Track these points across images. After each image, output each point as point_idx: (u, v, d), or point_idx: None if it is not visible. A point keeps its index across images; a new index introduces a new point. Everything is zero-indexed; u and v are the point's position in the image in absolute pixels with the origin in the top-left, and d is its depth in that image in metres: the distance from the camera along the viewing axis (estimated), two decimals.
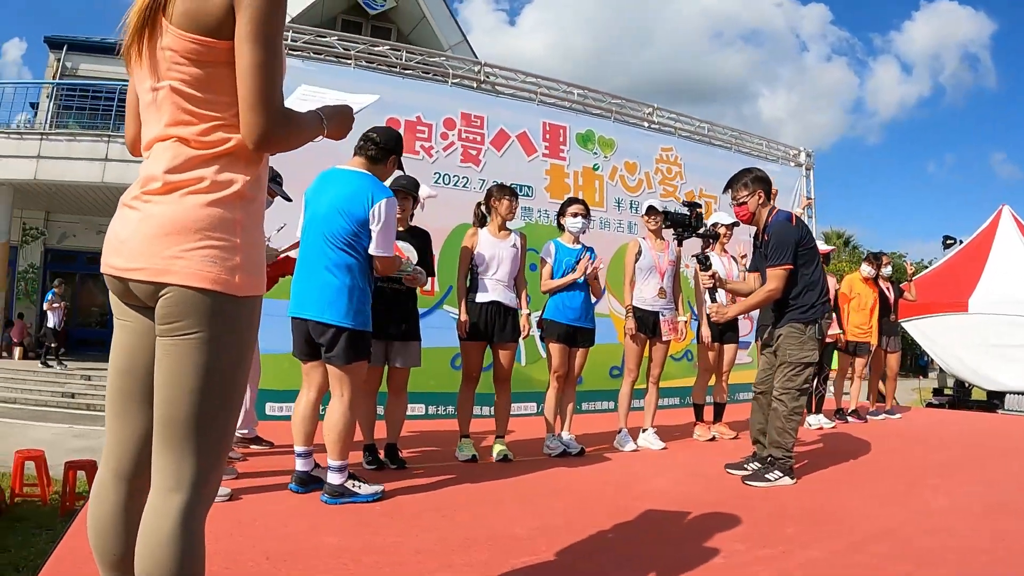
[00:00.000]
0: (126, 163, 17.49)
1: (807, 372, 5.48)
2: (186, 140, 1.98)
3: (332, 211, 4.44)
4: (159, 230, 1.93)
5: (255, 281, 2.04)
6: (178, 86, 1.96)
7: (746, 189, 5.66)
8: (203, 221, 1.93)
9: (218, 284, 1.93)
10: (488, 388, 6.09)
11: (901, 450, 7.15)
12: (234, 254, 1.96)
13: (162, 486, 1.94)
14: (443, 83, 9.31)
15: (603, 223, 9.82)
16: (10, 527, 6.92)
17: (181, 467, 1.94)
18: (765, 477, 5.37)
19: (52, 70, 23.89)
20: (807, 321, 5.48)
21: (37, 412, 14.88)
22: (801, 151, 12.52)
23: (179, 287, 1.91)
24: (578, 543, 3.82)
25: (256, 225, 2.08)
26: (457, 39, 21.38)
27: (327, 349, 4.40)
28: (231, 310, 1.97)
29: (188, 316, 1.92)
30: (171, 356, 1.95)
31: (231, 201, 1.98)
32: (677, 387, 9.84)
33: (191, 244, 1.91)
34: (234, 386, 2.03)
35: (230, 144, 1.99)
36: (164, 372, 1.96)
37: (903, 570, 3.49)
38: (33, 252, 23.12)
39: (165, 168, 1.97)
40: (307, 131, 2.14)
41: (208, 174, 1.96)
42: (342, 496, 4.42)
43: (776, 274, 5.45)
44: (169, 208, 1.94)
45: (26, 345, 20.58)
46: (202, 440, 1.96)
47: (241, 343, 2.04)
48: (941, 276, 16.18)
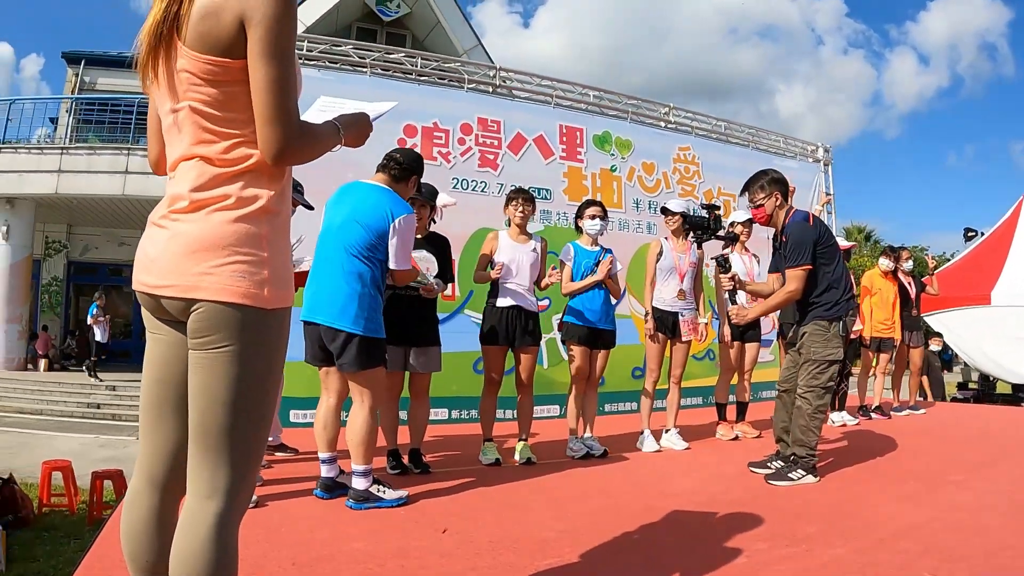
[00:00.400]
0: (146, 176, 17.62)
1: (832, 370, 5.46)
2: (209, 159, 2.01)
3: (350, 221, 4.51)
4: (187, 247, 1.97)
5: (283, 294, 2.07)
6: (197, 106, 1.99)
7: (763, 191, 5.66)
8: (230, 237, 1.96)
9: (247, 298, 1.96)
10: (510, 392, 6.11)
11: (925, 446, 7.11)
12: (262, 268, 1.99)
13: (197, 494, 1.98)
14: (459, 88, 9.33)
15: (622, 224, 9.80)
16: (38, 536, 7.01)
17: (215, 475, 1.98)
18: (788, 476, 5.36)
19: (71, 85, 24.13)
20: (831, 318, 5.46)
21: (63, 423, 15.03)
22: (819, 147, 12.46)
23: (209, 302, 1.95)
24: (603, 544, 3.83)
25: (283, 238, 2.11)
26: (472, 43, 21.43)
27: (338, 356, 4.44)
28: (261, 323, 2.01)
29: (219, 330, 1.96)
30: (204, 369, 1.99)
31: (257, 216, 2.01)
32: (699, 387, 9.81)
33: (219, 260, 1.95)
34: (265, 397, 2.07)
35: (252, 160, 2.02)
36: (197, 384, 2.00)
37: (928, 566, 3.47)
38: (56, 265, 23.34)
39: (190, 187, 2.00)
40: (324, 142, 2.16)
41: (233, 191, 1.99)
42: (367, 501, 4.44)
43: (795, 275, 5.43)
44: (196, 226, 1.97)
45: (51, 357, 20.75)
46: (235, 449, 2.00)
47: (271, 355, 2.07)
48: (963, 269, 16.09)
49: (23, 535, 6.96)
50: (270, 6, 1.91)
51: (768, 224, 5.80)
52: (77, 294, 24.76)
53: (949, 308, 14.95)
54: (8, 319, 19.22)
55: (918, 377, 10.01)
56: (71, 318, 24.12)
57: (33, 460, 9.75)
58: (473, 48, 21.34)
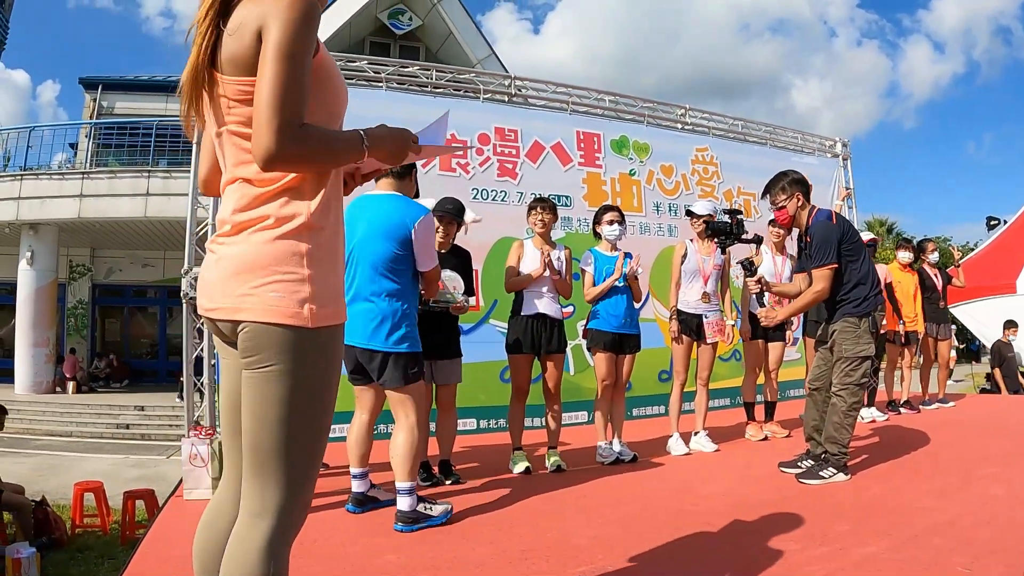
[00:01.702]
0: (167, 197, 17.84)
1: (865, 366, 5.45)
2: (250, 180, 2.02)
3: (373, 236, 4.47)
4: (231, 270, 2.00)
5: (329, 311, 2.04)
6: (235, 128, 2.01)
7: (784, 193, 5.65)
8: (269, 257, 1.97)
9: (287, 317, 1.95)
10: (538, 400, 6.11)
11: (956, 440, 7.05)
12: (302, 286, 1.98)
13: (248, 512, 2.00)
14: (475, 99, 9.33)
15: (643, 228, 9.78)
16: (72, 557, 7.10)
17: (265, 494, 1.99)
18: (819, 475, 5.33)
19: (89, 110, 24.37)
20: (861, 314, 5.45)
21: (93, 444, 15.18)
22: (837, 141, 12.38)
23: (252, 323, 1.96)
24: (636, 550, 3.82)
25: (328, 254, 2.08)
26: (485, 53, 21.48)
27: (378, 376, 4.41)
28: (303, 342, 1.98)
29: (262, 350, 1.96)
30: (251, 388, 2.00)
31: (297, 233, 1.99)
32: (727, 388, 9.76)
33: (259, 281, 1.96)
34: (312, 417, 2.05)
35: (290, 177, 2.01)
36: (246, 403, 2.02)
37: (961, 562, 3.44)
38: (81, 288, 23.59)
39: (232, 209, 2.03)
40: (336, 151, 2.04)
41: (272, 211, 1.99)
42: (416, 522, 4.29)
43: (822, 274, 5.43)
44: (239, 248, 2.00)
45: (79, 379, 20.90)
46: (285, 469, 1.99)
47: (317, 374, 2.04)
48: (987, 258, 16.00)
49: (57, 556, 7.03)
50: (285, 10, 1.89)
51: (791, 225, 5.81)
52: (103, 316, 25.02)
53: (975, 299, 14.86)
54: (35, 343, 19.44)
55: (946, 370, 9.93)
56: (97, 340, 24.33)
57: (65, 482, 9.85)
58: (487, 57, 21.38)
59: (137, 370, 24.03)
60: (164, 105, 23.85)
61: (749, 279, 5.85)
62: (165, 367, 23.92)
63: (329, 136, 2.02)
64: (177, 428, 15.35)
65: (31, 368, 19.42)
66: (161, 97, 24.28)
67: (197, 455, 5.04)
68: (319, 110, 2.03)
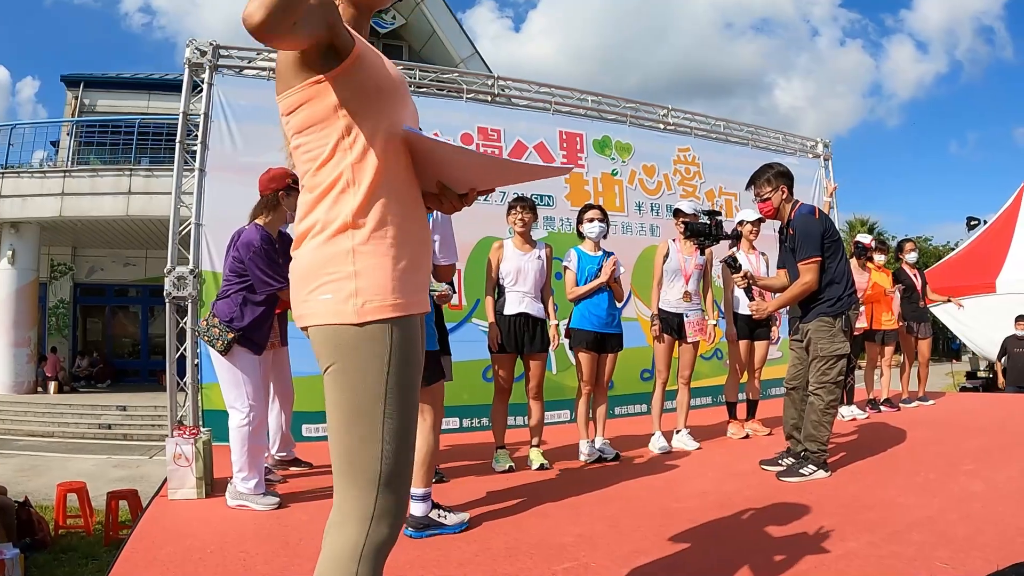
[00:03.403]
0: (149, 196, 17.76)
1: (840, 364, 5.51)
2: (306, 188, 2.04)
3: None
4: (296, 281, 2.03)
5: (379, 305, 1.95)
6: (292, 140, 2.04)
7: (769, 185, 5.72)
8: (317, 262, 1.97)
9: (332, 316, 1.94)
10: (521, 399, 6.14)
11: (936, 437, 7.11)
12: (348, 283, 1.94)
13: (332, 520, 1.98)
14: (458, 99, 9.36)
15: (625, 228, 9.82)
16: (56, 558, 7.08)
17: (344, 501, 1.96)
18: (799, 472, 5.39)
19: (71, 108, 24.21)
20: (835, 314, 5.52)
21: (75, 444, 15.08)
22: (818, 142, 12.46)
23: (311, 328, 1.99)
24: (620, 547, 3.87)
25: (378, 248, 1.99)
26: (468, 52, 21.50)
27: None
28: (352, 340, 1.94)
29: (321, 352, 1.98)
30: (326, 391, 1.99)
31: (340, 235, 1.97)
32: (709, 386, 9.84)
33: (311, 286, 1.97)
34: (373, 417, 1.95)
35: (333, 178, 1.99)
36: (327, 407, 2.01)
37: (941, 557, 3.50)
38: (63, 287, 23.44)
39: (297, 220, 2.06)
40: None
41: (320, 215, 1.99)
42: (427, 528, 4.18)
43: (808, 267, 5.50)
44: (300, 260, 2.03)
45: (60, 379, 20.79)
46: (356, 474, 1.95)
47: (374, 371, 1.96)
48: (968, 258, 16.11)
49: (41, 557, 7.02)
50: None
51: (775, 217, 5.87)
52: (85, 316, 24.88)
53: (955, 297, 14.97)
54: (16, 343, 19.30)
55: (926, 368, 10.01)
56: (79, 340, 24.21)
57: (47, 483, 9.81)
58: (470, 56, 21.40)
59: (119, 370, 23.92)
60: (146, 103, 23.78)
61: (735, 275, 5.90)
62: (147, 367, 23.80)
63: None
64: (160, 428, 15.30)
65: (12, 368, 19.26)
66: (143, 95, 24.19)
67: (181, 455, 5.03)
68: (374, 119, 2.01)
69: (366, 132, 1.99)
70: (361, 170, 1.99)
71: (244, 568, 3.65)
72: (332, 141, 1.97)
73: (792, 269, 5.71)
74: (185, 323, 7.39)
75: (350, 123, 1.97)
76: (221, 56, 7.88)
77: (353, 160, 1.97)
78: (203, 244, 7.46)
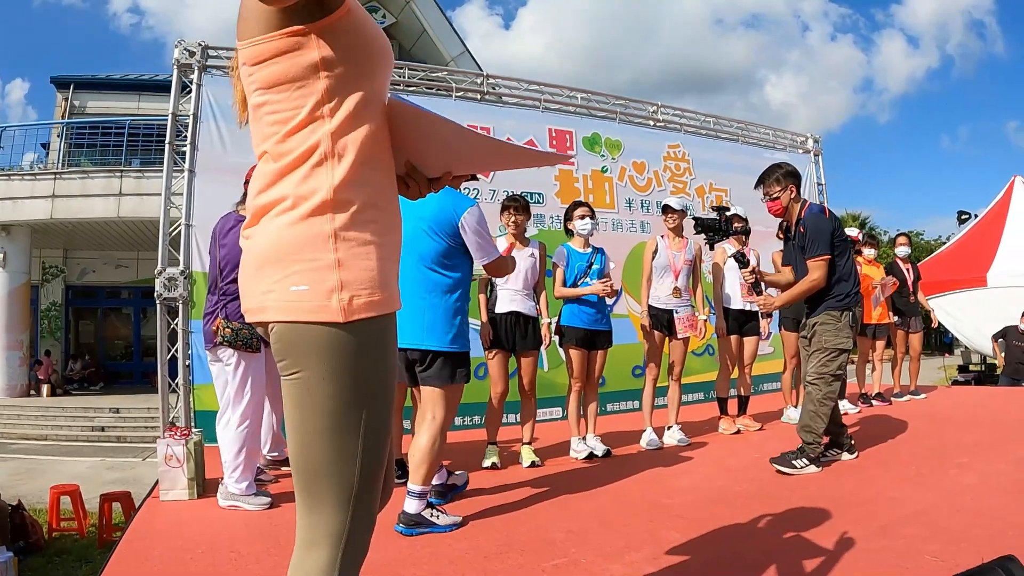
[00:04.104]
0: (140, 197, 17.71)
1: (842, 358, 5.62)
2: (270, 156, 1.76)
3: (419, 232, 4.39)
4: (253, 265, 1.76)
5: (367, 301, 1.73)
6: (255, 98, 1.76)
7: (778, 184, 5.81)
8: (288, 245, 1.70)
9: (312, 313, 1.68)
10: (513, 396, 6.15)
11: (927, 431, 7.13)
12: (330, 273, 1.69)
13: (300, 541, 1.79)
14: (447, 97, 9.36)
15: (615, 224, 9.84)
16: (50, 561, 7.06)
17: (316, 521, 1.77)
18: (791, 463, 5.44)
19: (60, 110, 24.12)
20: (843, 309, 5.63)
21: (69, 447, 15.06)
22: (808, 137, 12.48)
23: (278, 323, 1.72)
24: (610, 543, 3.88)
25: (363, 233, 1.75)
26: (459, 50, 21.53)
27: (424, 369, 4.36)
28: (335, 340, 1.70)
29: (290, 353, 1.72)
30: (287, 398, 1.76)
31: (319, 212, 1.70)
32: (700, 382, 9.85)
33: (280, 274, 1.70)
34: (358, 427, 1.75)
35: (307, 147, 1.72)
36: (285, 416, 1.80)
37: (932, 550, 3.51)
38: (54, 290, 23.38)
39: (254, 193, 1.78)
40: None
41: (290, 189, 1.72)
42: (419, 526, 4.18)
43: (817, 264, 5.59)
44: (259, 239, 1.75)
45: (53, 382, 20.75)
46: (333, 489, 1.75)
47: (359, 376, 1.74)
48: (958, 252, 16.13)
49: (35, 561, 7.00)
50: None
51: (783, 216, 5.95)
52: (77, 318, 24.81)
53: (946, 292, 15.00)
54: (8, 346, 19.24)
55: (918, 362, 10.04)
56: (71, 343, 24.15)
57: (41, 486, 9.78)
58: (460, 55, 21.43)
59: (112, 372, 23.86)
60: (136, 104, 23.68)
61: (743, 270, 6.04)
62: (140, 368, 23.76)
63: None
64: (153, 430, 15.27)
65: (4, 372, 19.18)
66: (133, 96, 24.10)
67: (173, 456, 5.02)
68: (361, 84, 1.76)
69: (351, 98, 1.74)
70: (343, 141, 1.74)
71: (235, 567, 3.65)
72: (308, 104, 1.71)
73: (800, 266, 5.80)
74: (176, 324, 7.38)
75: (333, 85, 1.71)
76: (210, 57, 7.85)
77: (332, 129, 1.72)
78: (193, 245, 7.44)
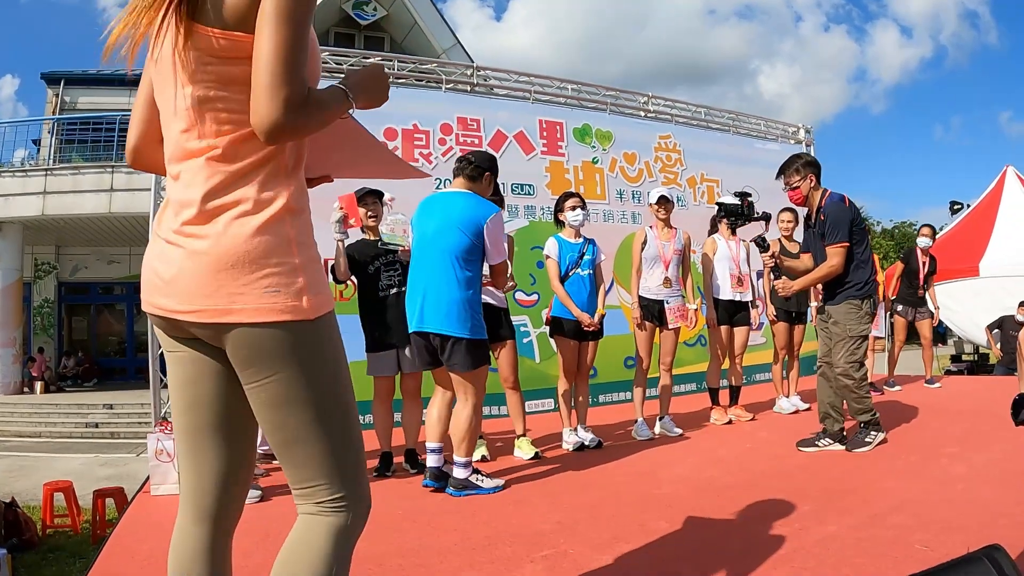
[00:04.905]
0: (131, 192, 17.70)
1: (865, 344, 5.83)
2: (220, 155, 1.76)
3: (448, 228, 4.83)
4: (212, 267, 1.73)
5: (322, 299, 1.84)
6: (207, 91, 1.74)
7: (798, 174, 5.98)
8: (257, 249, 1.73)
9: (287, 313, 1.75)
10: (497, 388, 6.15)
11: (920, 420, 7.12)
12: (296, 276, 1.77)
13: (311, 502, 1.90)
14: (437, 89, 9.35)
15: (606, 215, 9.85)
16: (44, 558, 7.05)
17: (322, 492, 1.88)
18: (865, 441, 5.79)
19: (52, 106, 24.06)
20: (863, 297, 5.79)
21: (62, 444, 15.05)
22: (800, 128, 12.46)
23: (247, 326, 1.75)
24: (599, 534, 3.88)
25: (309, 237, 1.87)
26: (450, 43, 21.47)
27: (448, 359, 4.78)
28: (308, 336, 1.81)
29: (268, 356, 1.77)
30: (267, 404, 1.83)
31: (280, 218, 1.77)
32: (692, 373, 9.86)
33: (250, 277, 1.73)
34: (338, 401, 1.89)
35: (268, 152, 1.78)
36: (267, 421, 1.85)
37: (922, 539, 3.52)
38: (47, 286, 23.33)
39: (203, 192, 1.75)
40: (329, 111, 1.79)
41: (250, 193, 1.75)
42: (466, 488, 4.84)
43: (836, 251, 5.74)
44: (216, 241, 1.73)
45: (47, 379, 20.72)
46: (336, 463, 1.88)
47: (329, 362, 1.87)
48: (950, 242, 16.14)
49: (28, 557, 7.00)
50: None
51: (803, 205, 6.15)
52: (70, 315, 24.78)
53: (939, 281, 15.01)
54: (1, 343, 19.27)
55: (930, 350, 10.10)
56: (65, 339, 24.14)
57: (34, 482, 9.77)
58: (452, 47, 21.37)
59: (106, 368, 23.86)
60: (127, 99, 23.51)
61: (763, 254, 6.20)
62: (133, 364, 23.71)
63: (324, 98, 1.76)
64: (146, 426, 15.24)
65: None
66: (124, 92, 23.98)
67: (163, 450, 5.02)
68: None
69: None
70: (296, 151, 1.86)
71: None
72: None
73: (818, 253, 5.96)
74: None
75: None
76: None
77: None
78: None
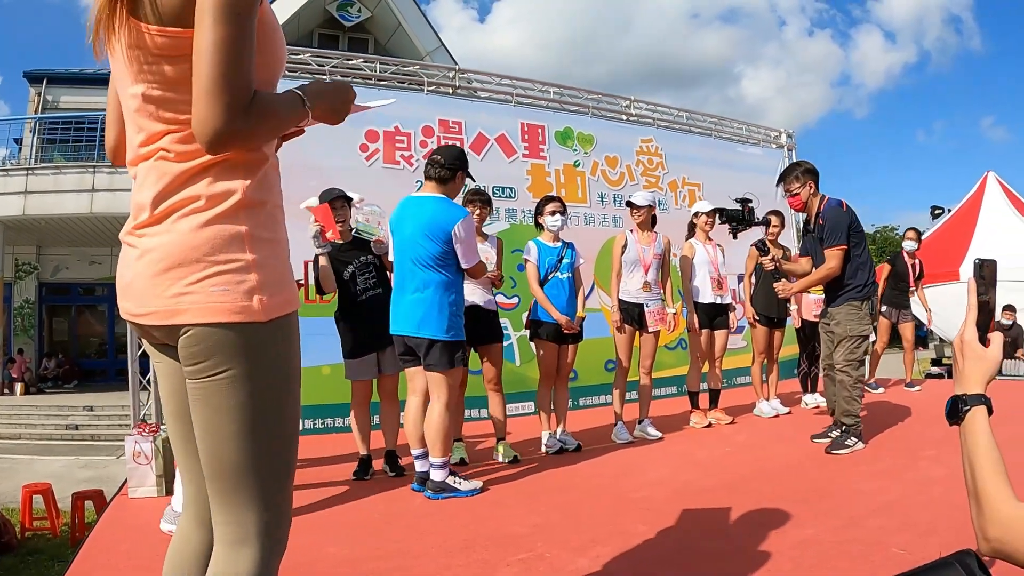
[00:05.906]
0: (114, 192, 17.59)
1: (865, 344, 6.06)
2: (169, 154, 1.71)
3: (418, 235, 4.88)
4: (159, 266, 1.69)
5: (280, 299, 1.76)
6: (151, 91, 1.69)
7: (798, 181, 6.18)
8: (204, 246, 1.67)
9: (235, 313, 1.67)
10: (480, 391, 6.15)
11: (899, 424, 7.14)
12: (247, 273, 1.69)
13: (227, 540, 1.76)
14: (419, 91, 9.33)
15: (587, 219, 9.85)
16: (23, 561, 7.01)
17: (243, 520, 1.75)
18: (844, 444, 5.85)
19: (34, 104, 23.91)
20: (862, 298, 5.98)
21: (42, 446, 14.98)
22: (782, 132, 12.51)
23: (195, 326, 1.68)
24: (577, 537, 3.90)
25: (271, 233, 1.79)
26: (434, 45, 21.44)
27: (426, 358, 4.86)
28: (257, 338, 1.71)
29: (211, 355, 1.69)
30: (203, 402, 1.73)
31: (232, 214, 1.70)
32: (672, 376, 9.86)
33: (196, 275, 1.67)
34: (281, 419, 1.79)
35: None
36: (200, 420, 1.75)
37: (900, 542, 3.54)
38: (28, 287, 23.17)
39: (153, 193, 1.71)
40: (282, 118, 1.75)
41: (201, 190, 1.69)
42: (444, 491, 4.83)
43: (833, 254, 5.94)
44: (164, 239, 1.69)
45: (27, 381, 20.59)
46: (259, 485, 1.75)
47: (278, 371, 1.78)
48: (931, 246, 16.22)
49: (7, 560, 6.96)
50: None
51: (803, 211, 6.35)
52: (50, 316, 24.63)
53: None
54: None
55: (911, 353, 10.16)
56: (45, 340, 23.97)
57: (14, 485, 9.72)
58: (435, 50, 21.34)
59: (86, 369, 23.72)
60: None
61: (763, 258, 6.47)
62: (114, 366, 23.56)
63: (275, 104, 1.71)
64: (127, 428, 15.18)
65: None
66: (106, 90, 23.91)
67: (141, 452, 5.01)
68: (260, 71, 1.67)
69: None
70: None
71: None
72: None
73: (817, 256, 6.13)
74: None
75: None
76: None
77: None
78: None
